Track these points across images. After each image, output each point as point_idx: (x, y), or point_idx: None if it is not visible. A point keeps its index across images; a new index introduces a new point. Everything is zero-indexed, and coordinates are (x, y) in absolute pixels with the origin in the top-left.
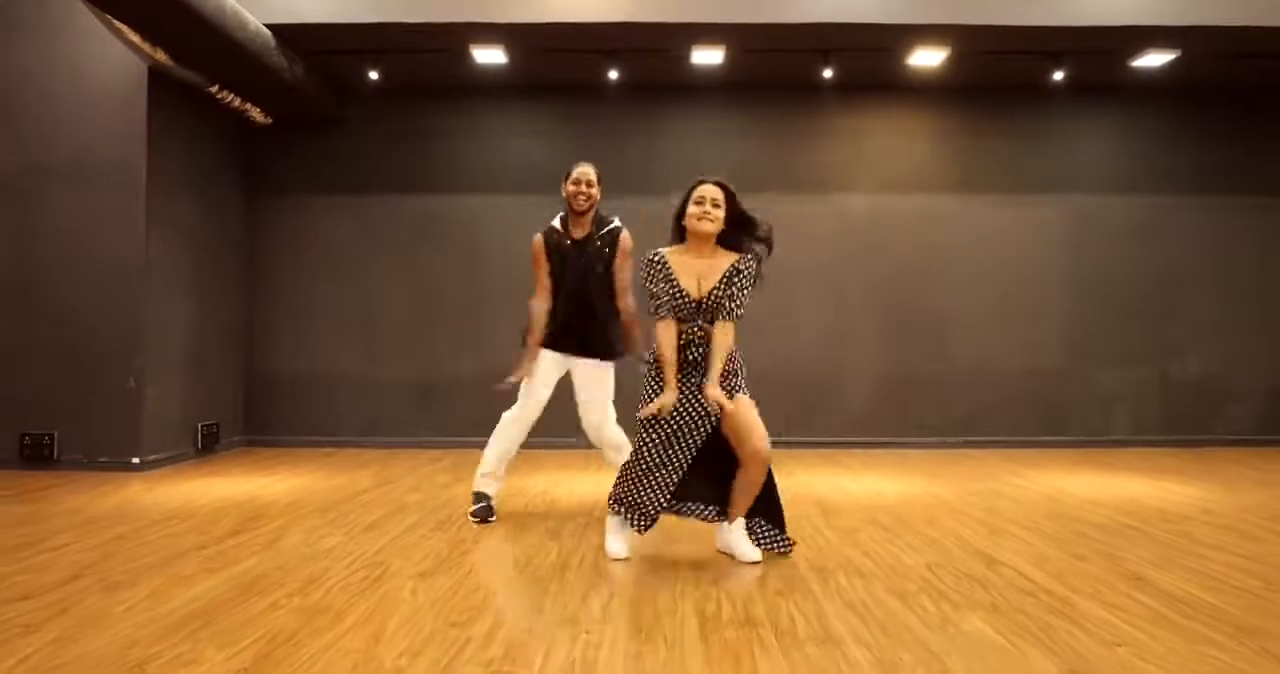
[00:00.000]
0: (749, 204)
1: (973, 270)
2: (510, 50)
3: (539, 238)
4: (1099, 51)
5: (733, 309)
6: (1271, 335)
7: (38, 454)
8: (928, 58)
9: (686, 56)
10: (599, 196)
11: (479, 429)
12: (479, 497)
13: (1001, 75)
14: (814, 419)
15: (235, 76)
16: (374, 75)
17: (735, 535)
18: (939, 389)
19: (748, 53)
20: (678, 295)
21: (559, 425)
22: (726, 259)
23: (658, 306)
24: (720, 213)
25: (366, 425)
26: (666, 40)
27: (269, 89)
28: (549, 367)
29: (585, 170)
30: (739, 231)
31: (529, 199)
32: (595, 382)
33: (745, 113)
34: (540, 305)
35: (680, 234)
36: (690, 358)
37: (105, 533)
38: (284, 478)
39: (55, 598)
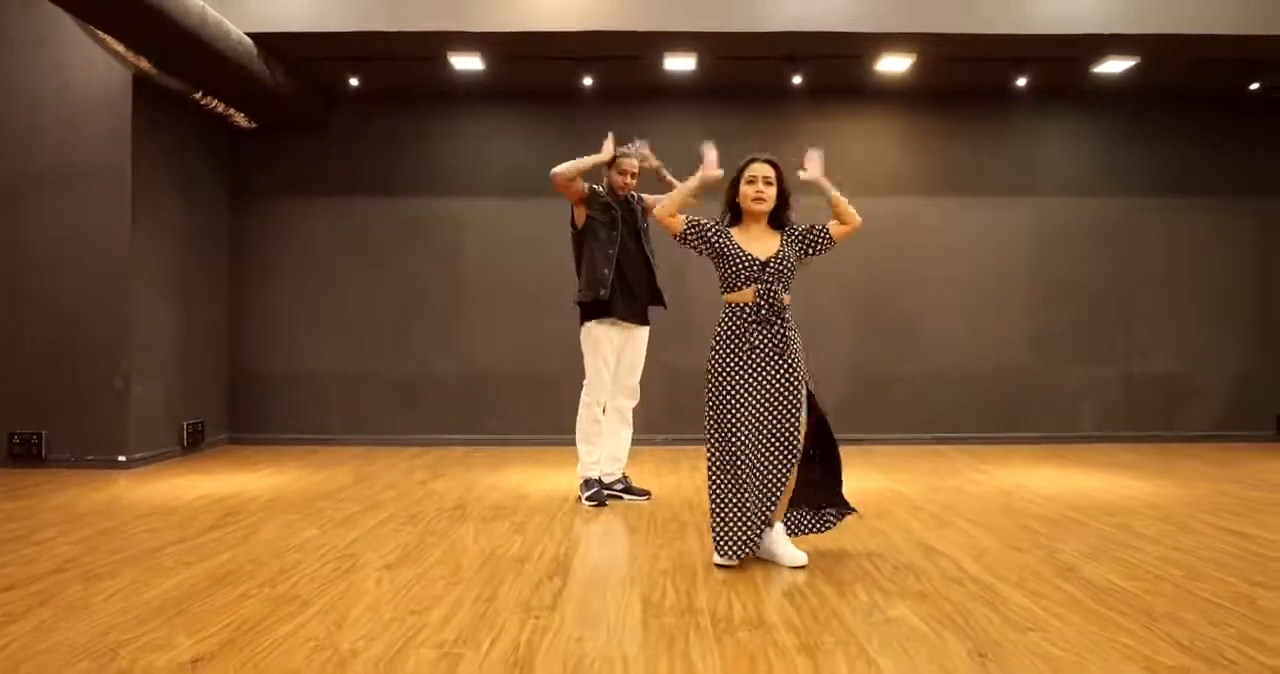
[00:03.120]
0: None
1: (941, 271)
2: (487, 57)
3: (588, 185)
4: (1061, 58)
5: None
6: (1233, 333)
7: (26, 453)
8: (894, 64)
9: (659, 63)
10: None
11: (459, 427)
12: (589, 483)
13: (967, 80)
14: None
15: (218, 83)
16: (355, 81)
17: (778, 540)
18: (909, 387)
19: (718, 60)
20: (741, 257)
21: (540, 424)
22: (778, 234)
23: (692, 225)
24: (772, 191)
25: (349, 423)
26: (639, 48)
27: (252, 95)
28: (614, 341)
29: (632, 162)
30: (785, 211)
31: (508, 201)
32: (643, 345)
33: (717, 117)
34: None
35: (734, 214)
36: (757, 341)
37: (89, 528)
38: (266, 475)
39: (38, 589)
